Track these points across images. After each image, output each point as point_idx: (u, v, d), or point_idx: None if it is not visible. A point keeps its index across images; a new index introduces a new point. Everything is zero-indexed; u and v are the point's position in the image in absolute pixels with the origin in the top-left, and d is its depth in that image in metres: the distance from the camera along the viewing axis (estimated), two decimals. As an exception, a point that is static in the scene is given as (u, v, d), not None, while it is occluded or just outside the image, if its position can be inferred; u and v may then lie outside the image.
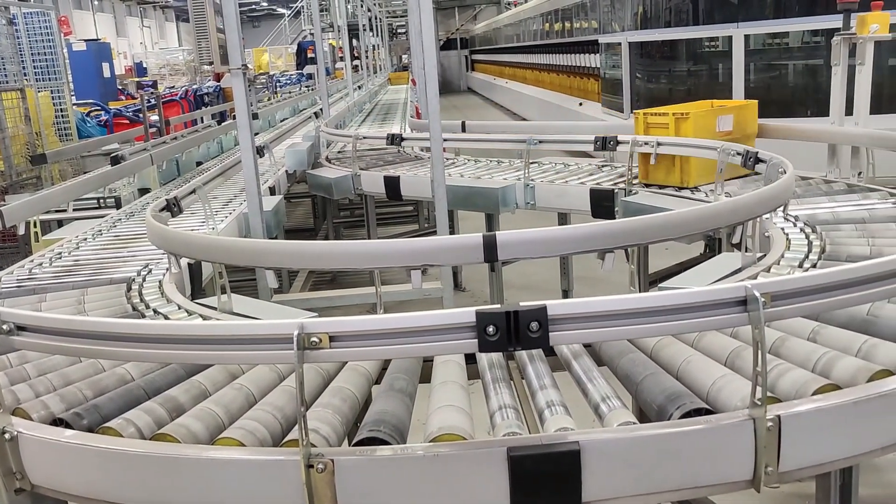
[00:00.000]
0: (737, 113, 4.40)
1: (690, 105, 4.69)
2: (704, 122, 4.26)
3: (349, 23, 19.92)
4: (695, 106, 4.59)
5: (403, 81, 18.38)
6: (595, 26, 14.43)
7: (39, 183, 7.67)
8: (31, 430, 1.72)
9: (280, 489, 1.54)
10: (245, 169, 3.98)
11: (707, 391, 1.76)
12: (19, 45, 8.17)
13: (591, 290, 5.76)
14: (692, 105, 4.68)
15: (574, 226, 2.27)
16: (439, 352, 1.67)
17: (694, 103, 4.79)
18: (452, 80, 37.79)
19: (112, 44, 24.11)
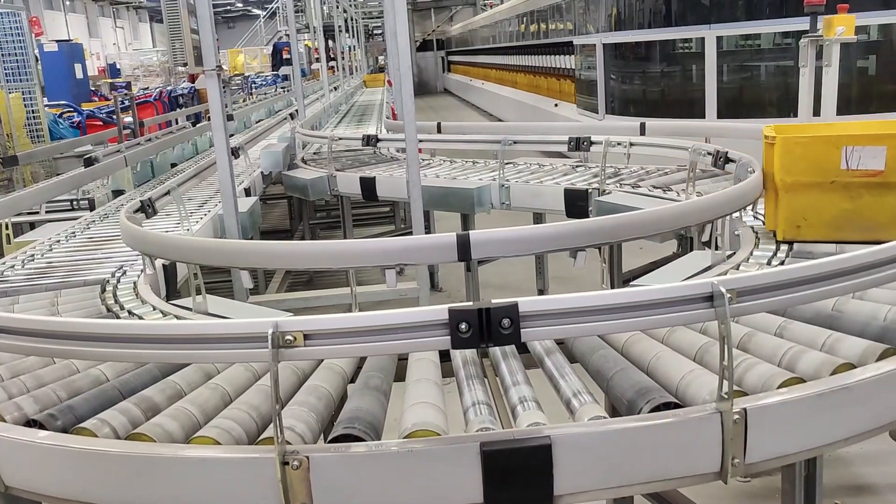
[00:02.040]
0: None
1: (848, 125, 3.09)
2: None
3: (325, 24, 19.89)
4: (858, 126, 2.90)
5: (379, 84, 18.31)
6: (570, 28, 14.52)
7: (11, 185, 7.58)
8: (4, 432, 1.71)
9: (256, 487, 1.55)
10: (220, 170, 3.98)
11: (676, 386, 1.79)
12: (-10, 45, 8.08)
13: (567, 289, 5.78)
14: (849, 125, 3.04)
15: (546, 225, 2.31)
16: (413, 349, 1.70)
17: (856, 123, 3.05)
18: (429, 81, 37.81)
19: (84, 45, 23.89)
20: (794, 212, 2.78)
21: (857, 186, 2.69)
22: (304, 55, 22.14)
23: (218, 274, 4.42)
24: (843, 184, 2.69)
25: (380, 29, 33.69)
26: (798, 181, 2.75)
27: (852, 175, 2.68)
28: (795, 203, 2.77)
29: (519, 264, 6.63)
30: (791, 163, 2.75)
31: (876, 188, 2.68)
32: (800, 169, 2.74)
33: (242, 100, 15.59)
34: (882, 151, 2.64)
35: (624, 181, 4.52)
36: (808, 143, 2.75)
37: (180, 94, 14.83)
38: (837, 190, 2.71)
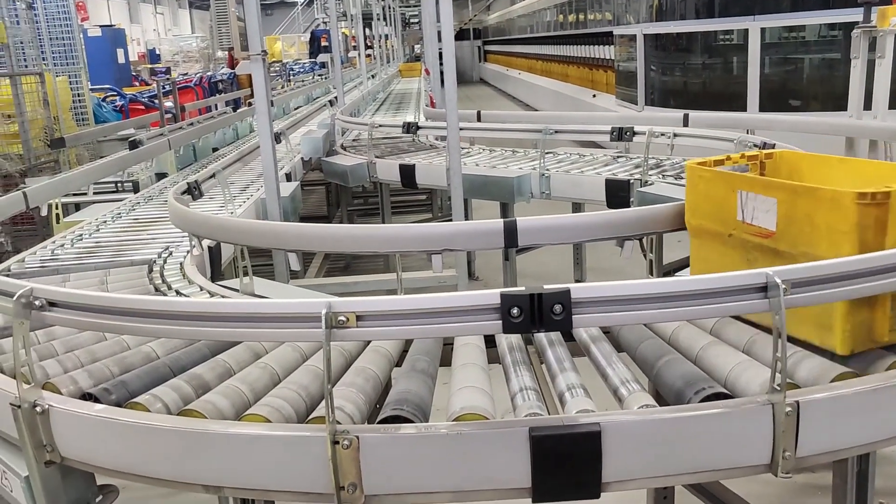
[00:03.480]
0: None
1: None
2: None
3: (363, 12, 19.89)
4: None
5: (415, 74, 18.22)
6: (609, 18, 14.39)
7: (57, 167, 7.72)
8: (61, 404, 1.75)
9: (306, 465, 1.57)
10: (263, 154, 4.01)
11: (725, 376, 1.78)
12: (38, 30, 8.21)
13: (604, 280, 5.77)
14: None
15: (594, 213, 2.29)
16: (464, 332, 1.70)
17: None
18: (465, 70, 37.74)
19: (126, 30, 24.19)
20: (699, 262, 2.15)
21: (751, 247, 1.97)
22: (341, 43, 22.18)
23: (258, 257, 4.47)
24: (740, 240, 2.00)
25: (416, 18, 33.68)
26: (702, 226, 2.13)
27: (748, 230, 1.97)
28: (701, 253, 2.11)
29: (555, 254, 6.60)
30: (696, 201, 2.12)
31: (768, 254, 1.93)
32: (703, 211, 2.11)
33: (281, 87, 15.70)
34: (773, 205, 1.87)
35: (666, 172, 4.48)
36: (711, 179, 2.08)
37: (219, 79, 14.99)
38: (736, 247, 2.01)
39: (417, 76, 17.30)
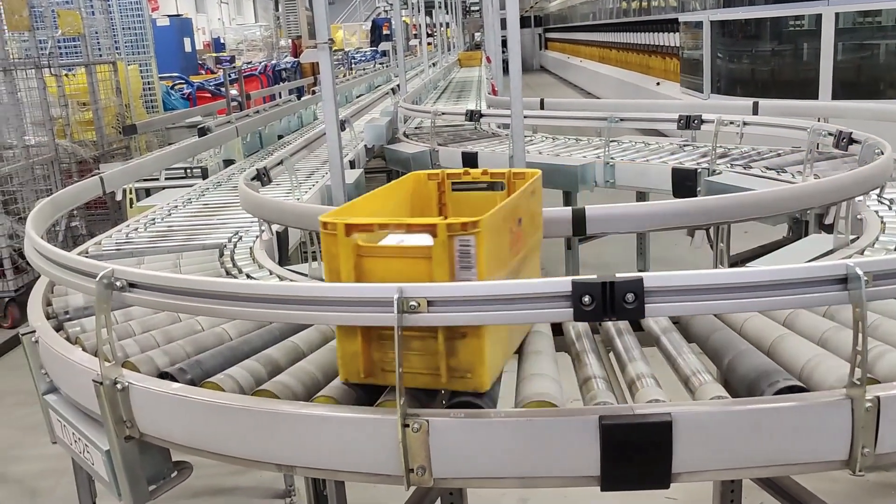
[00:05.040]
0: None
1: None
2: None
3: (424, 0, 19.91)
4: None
5: (475, 62, 18.09)
6: (674, 4, 14.12)
7: (128, 153, 7.95)
8: (140, 382, 1.81)
9: (376, 447, 1.59)
10: (329, 142, 4.05)
11: (801, 369, 1.74)
12: (111, 20, 8.45)
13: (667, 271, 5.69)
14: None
15: (664, 202, 2.26)
16: (535, 320, 1.70)
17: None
18: (525, 58, 37.30)
19: (192, 19, 24.66)
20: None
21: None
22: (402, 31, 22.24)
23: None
24: None
25: (477, 6, 33.54)
26: None
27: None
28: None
29: (616, 244, 6.53)
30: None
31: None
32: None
33: (343, 75, 15.84)
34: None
35: (735, 161, 4.39)
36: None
37: (283, 68, 15.20)
38: None
39: (477, 65, 17.24)
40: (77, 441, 2.00)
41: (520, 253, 1.84)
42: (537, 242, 2.03)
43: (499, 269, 1.68)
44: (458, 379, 1.64)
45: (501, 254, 1.72)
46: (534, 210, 1.97)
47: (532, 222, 1.96)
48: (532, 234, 1.95)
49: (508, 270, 1.75)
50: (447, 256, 1.60)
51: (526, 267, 1.90)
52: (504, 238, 1.73)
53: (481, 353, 1.62)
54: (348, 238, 1.64)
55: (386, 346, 1.66)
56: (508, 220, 1.75)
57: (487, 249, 1.60)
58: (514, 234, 1.78)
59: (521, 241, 1.84)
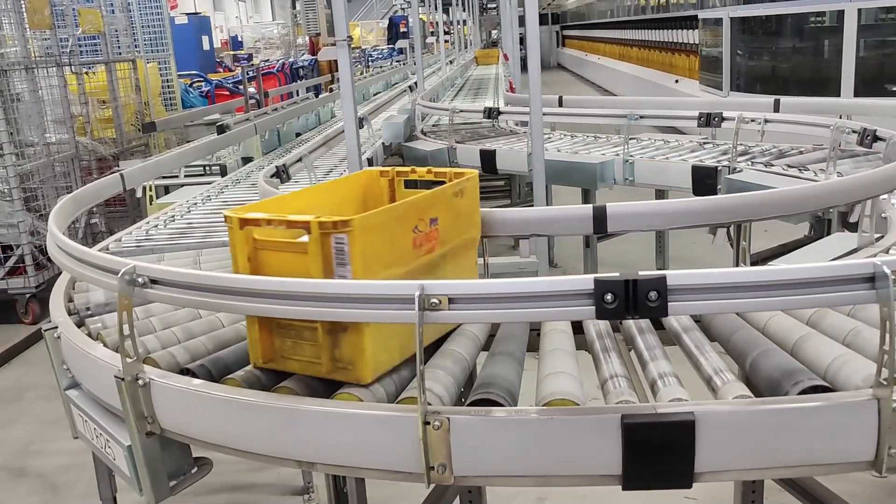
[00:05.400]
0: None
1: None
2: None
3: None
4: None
5: (492, 60, 18.03)
6: (693, 1, 14.03)
7: (147, 150, 8.01)
8: (161, 378, 1.81)
9: (397, 444, 1.58)
10: (348, 139, 4.06)
11: (825, 369, 1.72)
12: (131, 18, 8.50)
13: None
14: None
15: (686, 199, 2.24)
16: (557, 318, 1.69)
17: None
18: (543, 55, 36.74)
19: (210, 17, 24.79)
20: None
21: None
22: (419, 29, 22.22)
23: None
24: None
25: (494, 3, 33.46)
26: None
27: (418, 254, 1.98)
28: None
29: (634, 243, 6.50)
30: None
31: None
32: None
33: (360, 72, 15.85)
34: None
35: (756, 159, 4.35)
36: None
37: (301, 65, 15.24)
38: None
39: (494, 63, 17.19)
40: (98, 436, 2.01)
41: (434, 251, 1.88)
42: (470, 241, 2.07)
43: (387, 268, 1.75)
44: (342, 370, 1.73)
45: (395, 252, 1.78)
46: (460, 210, 2.00)
47: (460, 222, 2.00)
48: (458, 234, 1.99)
49: (410, 269, 1.80)
50: (321, 253, 1.67)
51: (449, 265, 1.95)
52: (399, 236, 1.79)
53: (361, 347, 1.70)
54: (242, 231, 1.74)
55: (284, 335, 1.77)
56: (405, 219, 1.81)
57: (364, 248, 1.67)
58: (421, 233, 1.84)
59: (436, 240, 1.89)
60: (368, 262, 1.69)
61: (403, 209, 1.82)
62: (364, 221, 1.68)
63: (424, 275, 1.83)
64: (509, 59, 12.68)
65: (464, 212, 2.01)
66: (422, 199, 1.88)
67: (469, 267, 2.07)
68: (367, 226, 1.69)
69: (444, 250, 1.92)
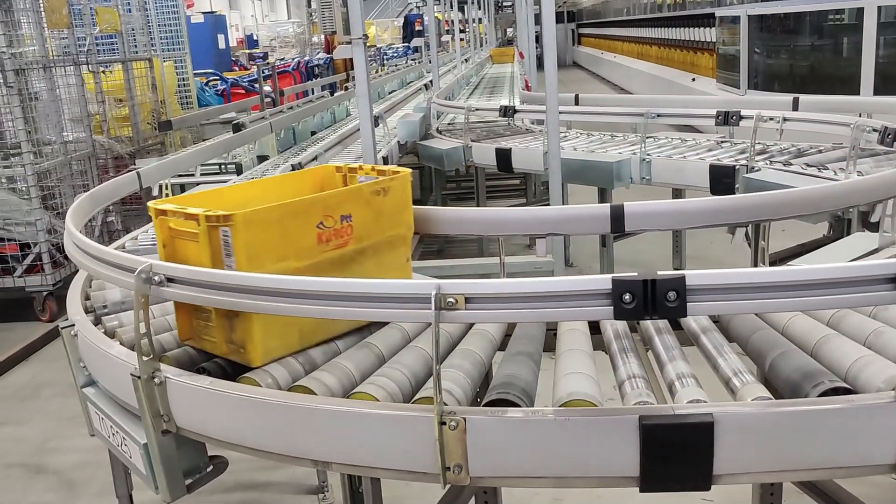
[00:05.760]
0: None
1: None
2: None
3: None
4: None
5: (507, 59, 17.98)
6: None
7: (163, 149, 8.04)
8: (177, 377, 1.81)
9: (413, 444, 1.57)
10: (363, 137, 4.06)
11: (846, 371, 1.70)
12: (147, 17, 8.54)
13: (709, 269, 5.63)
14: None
15: (705, 198, 2.22)
16: (574, 317, 1.68)
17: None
18: (558, 54, 36.74)
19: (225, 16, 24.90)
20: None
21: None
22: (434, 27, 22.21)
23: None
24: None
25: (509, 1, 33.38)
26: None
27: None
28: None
29: (650, 242, 6.47)
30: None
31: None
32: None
33: (375, 71, 15.86)
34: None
35: (774, 158, 4.31)
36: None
37: (316, 64, 15.27)
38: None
39: (509, 61, 17.13)
40: (115, 434, 2.01)
41: (347, 246, 1.97)
42: (398, 238, 2.13)
43: (281, 261, 1.84)
44: (237, 352, 1.86)
45: (291, 245, 1.87)
46: (383, 208, 2.06)
47: (383, 219, 2.06)
48: (382, 231, 2.06)
49: (314, 262, 1.90)
50: (209, 244, 1.81)
51: (370, 261, 2.03)
52: (298, 231, 1.88)
53: (251, 332, 1.82)
54: (158, 220, 1.90)
55: (198, 315, 1.92)
56: (306, 215, 1.89)
57: (248, 241, 1.80)
58: (328, 228, 1.94)
59: (350, 236, 1.98)
60: (253, 255, 1.80)
61: (302, 206, 1.90)
62: (247, 216, 1.79)
63: (336, 269, 1.93)
64: (525, 57, 12.64)
65: (388, 210, 2.06)
66: (328, 197, 1.97)
67: (397, 264, 2.12)
68: (252, 220, 1.80)
69: (362, 246, 1.99)
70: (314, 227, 1.91)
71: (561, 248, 4.65)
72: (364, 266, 2.01)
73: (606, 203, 2.07)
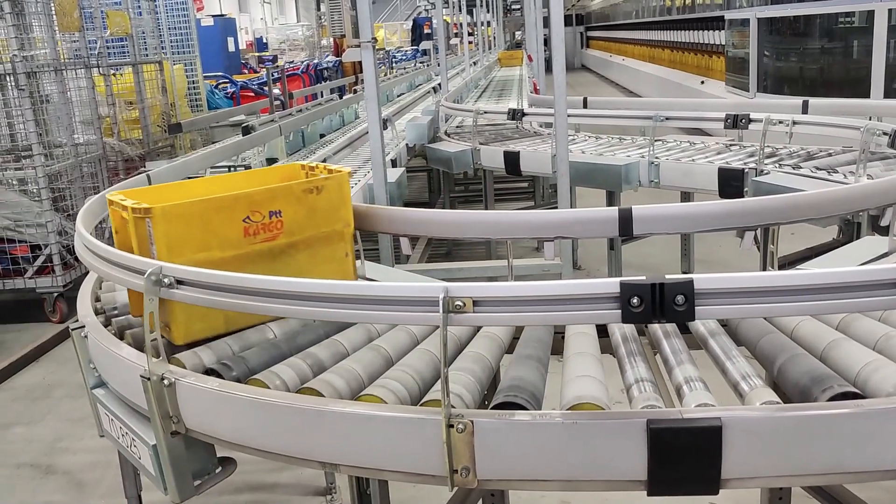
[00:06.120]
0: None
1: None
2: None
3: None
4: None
5: (516, 62, 17.94)
6: (720, 2, 13.91)
7: (173, 151, 8.08)
8: (186, 378, 1.82)
9: (420, 446, 1.58)
10: (372, 140, 4.07)
11: (855, 375, 1.69)
12: (158, 20, 8.58)
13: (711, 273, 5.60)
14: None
15: (714, 202, 2.22)
16: (582, 321, 1.68)
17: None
18: (567, 56, 36.70)
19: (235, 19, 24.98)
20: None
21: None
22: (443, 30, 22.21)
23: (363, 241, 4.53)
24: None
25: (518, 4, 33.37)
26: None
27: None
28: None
29: (658, 245, 6.46)
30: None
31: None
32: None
33: (384, 74, 15.88)
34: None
35: (783, 161, 4.30)
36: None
37: (325, 67, 15.30)
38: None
39: (518, 65, 17.11)
40: (124, 435, 2.02)
41: (277, 240, 2.11)
42: (334, 234, 2.22)
43: (203, 251, 2.00)
44: (165, 329, 2.01)
45: (215, 237, 2.02)
46: (316, 205, 2.17)
47: (317, 216, 2.17)
48: (315, 227, 2.17)
49: (240, 253, 2.05)
50: (136, 233, 2.00)
51: (302, 254, 2.15)
52: (222, 224, 2.02)
53: (174, 314, 1.98)
54: (111, 208, 2.09)
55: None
56: (230, 210, 2.04)
57: (167, 233, 1.97)
58: (255, 223, 2.08)
59: (280, 230, 2.11)
60: (173, 245, 1.97)
61: (226, 201, 2.05)
62: (165, 210, 1.97)
63: (266, 260, 2.08)
64: (533, 60, 12.65)
65: (322, 207, 2.17)
66: (255, 193, 2.09)
67: (334, 258, 2.23)
68: (171, 214, 1.97)
69: (293, 240, 2.13)
70: (240, 221, 2.05)
71: (569, 252, 4.65)
72: (297, 259, 2.13)
73: (615, 206, 2.07)
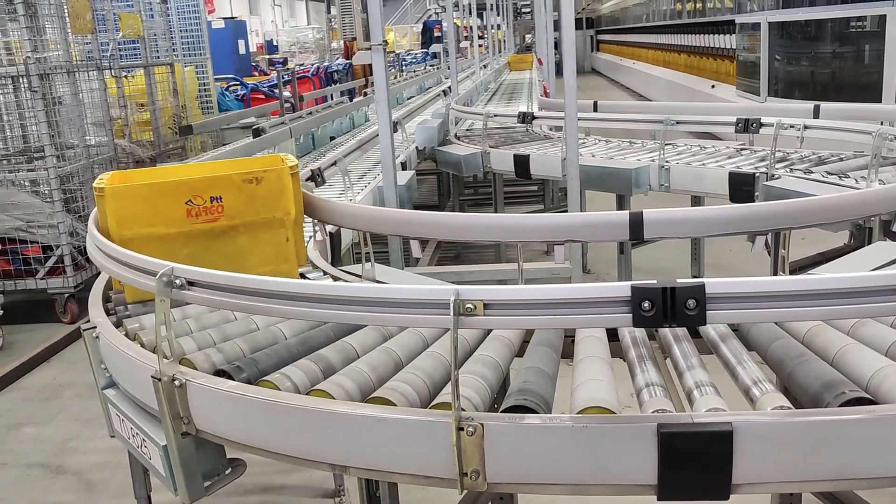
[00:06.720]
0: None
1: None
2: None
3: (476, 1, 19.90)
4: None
5: (525, 66, 17.90)
6: (730, 5, 13.89)
7: (183, 153, 8.11)
8: (197, 379, 1.82)
9: (430, 449, 1.58)
10: (382, 143, 4.08)
11: (867, 381, 1.69)
12: (169, 22, 8.62)
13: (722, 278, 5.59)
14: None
15: (725, 206, 2.21)
16: (593, 324, 1.68)
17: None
18: (577, 60, 36.72)
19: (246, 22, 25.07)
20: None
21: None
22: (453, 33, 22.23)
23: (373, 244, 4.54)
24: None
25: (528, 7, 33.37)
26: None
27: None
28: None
29: (668, 249, 6.44)
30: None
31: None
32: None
33: (394, 76, 15.91)
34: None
35: (794, 166, 4.28)
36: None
37: (335, 69, 15.34)
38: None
39: (528, 68, 17.10)
40: (135, 436, 2.03)
41: (218, 221, 2.33)
42: (273, 221, 2.42)
43: (149, 226, 2.26)
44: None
45: (159, 216, 2.27)
46: (256, 194, 2.38)
47: (256, 203, 2.38)
48: (256, 213, 2.38)
49: (183, 230, 2.29)
50: (99, 209, 2.29)
51: (243, 236, 2.38)
52: (166, 205, 2.28)
53: None
54: (93, 190, 2.31)
55: None
56: (173, 193, 2.28)
57: (116, 210, 2.25)
58: (197, 206, 2.31)
59: (221, 213, 2.34)
60: (122, 220, 2.25)
61: (169, 186, 2.30)
62: (115, 190, 2.25)
63: (208, 238, 2.33)
64: (543, 64, 12.64)
65: (262, 196, 2.39)
66: (195, 181, 2.32)
67: (274, 242, 2.44)
68: (120, 193, 2.25)
69: (234, 223, 2.36)
70: (183, 203, 2.29)
71: (579, 255, 4.64)
72: (237, 240, 2.38)
73: (625, 210, 2.06)
